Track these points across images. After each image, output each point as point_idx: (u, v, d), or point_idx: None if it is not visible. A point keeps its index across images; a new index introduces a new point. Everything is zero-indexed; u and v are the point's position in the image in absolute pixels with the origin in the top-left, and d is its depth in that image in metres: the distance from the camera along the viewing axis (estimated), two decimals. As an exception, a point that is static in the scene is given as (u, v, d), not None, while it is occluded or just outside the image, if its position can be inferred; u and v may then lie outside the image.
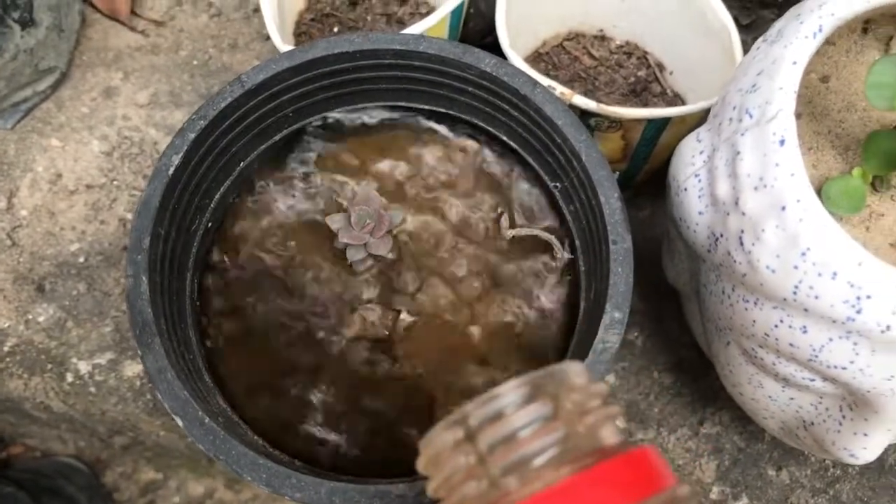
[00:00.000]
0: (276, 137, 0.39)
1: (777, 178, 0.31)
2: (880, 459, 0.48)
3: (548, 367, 0.21)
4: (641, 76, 0.50)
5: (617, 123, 0.42)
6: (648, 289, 0.51)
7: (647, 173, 0.48)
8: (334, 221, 0.37)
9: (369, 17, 0.52)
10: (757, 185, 0.32)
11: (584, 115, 0.42)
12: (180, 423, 0.31)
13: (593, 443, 0.20)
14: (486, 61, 0.36)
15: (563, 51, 0.50)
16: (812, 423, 0.38)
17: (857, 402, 0.35)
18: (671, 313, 0.50)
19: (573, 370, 0.22)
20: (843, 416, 0.36)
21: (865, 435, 0.36)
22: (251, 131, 0.38)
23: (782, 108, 0.32)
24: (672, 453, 0.48)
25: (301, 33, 0.53)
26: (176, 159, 0.34)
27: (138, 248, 0.33)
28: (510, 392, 0.20)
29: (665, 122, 0.42)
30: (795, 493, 0.47)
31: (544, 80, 0.41)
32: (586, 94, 0.48)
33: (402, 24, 0.51)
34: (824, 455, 0.40)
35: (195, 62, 0.57)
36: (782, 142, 0.32)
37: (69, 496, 0.69)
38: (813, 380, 0.35)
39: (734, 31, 0.45)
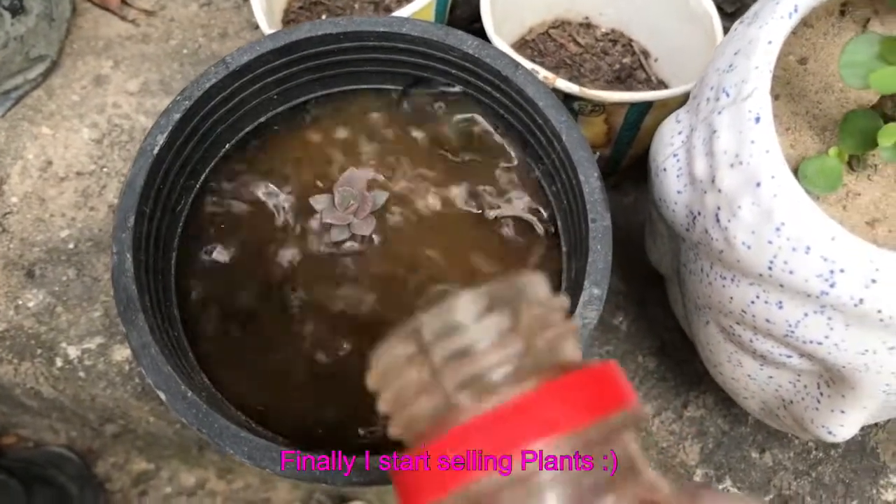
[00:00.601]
0: (262, 119, 0.39)
1: (752, 154, 0.32)
2: (862, 442, 0.49)
3: (507, 278, 0.20)
4: (626, 63, 0.50)
5: (600, 107, 0.43)
6: (632, 274, 0.51)
7: (632, 158, 0.48)
8: (318, 202, 0.38)
9: (357, 5, 0.52)
10: (733, 162, 0.33)
11: (567, 99, 0.43)
12: (163, 397, 0.32)
13: (553, 358, 0.19)
14: (468, 43, 0.37)
15: (549, 38, 0.50)
16: (791, 402, 0.39)
17: (833, 379, 0.35)
18: (655, 298, 0.51)
19: (533, 282, 0.20)
20: (821, 394, 0.37)
21: (843, 412, 0.36)
22: (236, 113, 0.38)
23: (758, 86, 0.33)
24: (656, 436, 0.48)
25: (290, 21, 0.53)
26: (161, 139, 0.35)
27: (123, 227, 0.34)
28: (466, 303, 0.19)
29: (647, 106, 0.43)
30: (778, 475, 0.48)
31: (528, 64, 0.41)
32: (571, 80, 0.48)
33: (389, 11, 0.52)
34: (803, 434, 0.40)
35: (185, 51, 0.57)
36: (758, 119, 0.32)
37: (60, 485, 0.69)
38: (790, 356, 0.35)
39: (716, 18, 0.46)
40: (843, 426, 0.37)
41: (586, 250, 0.35)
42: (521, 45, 0.51)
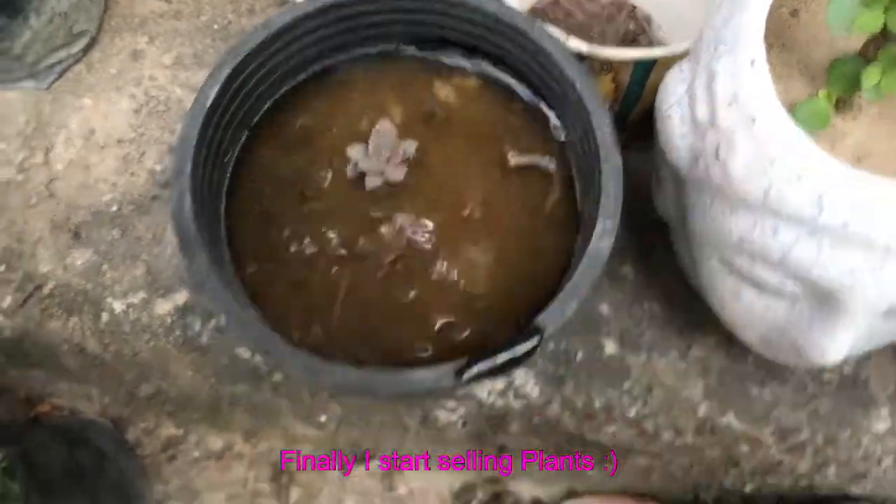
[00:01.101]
0: (301, 77, 0.43)
1: (748, 94, 0.36)
2: (854, 377, 0.52)
3: None
4: (631, 29, 0.54)
5: (608, 66, 0.47)
6: (639, 228, 0.55)
7: (638, 115, 0.52)
8: (354, 152, 0.41)
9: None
10: (731, 101, 0.36)
11: (577, 59, 0.46)
12: (224, 320, 0.35)
13: None
14: (489, 4, 0.40)
15: (558, 6, 0.54)
16: (786, 328, 0.42)
17: (823, 301, 0.39)
18: (660, 250, 0.54)
19: None
20: (813, 318, 0.40)
21: (833, 333, 0.40)
22: (278, 71, 0.42)
23: (752, 33, 0.36)
24: (662, 375, 0.52)
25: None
26: (213, 91, 0.38)
27: (182, 171, 0.37)
28: None
29: (651, 64, 0.46)
30: (777, 408, 0.51)
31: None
32: (579, 45, 0.52)
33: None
34: (798, 360, 0.44)
35: (216, 26, 0.61)
36: (752, 62, 0.36)
37: (97, 447, 0.73)
38: (785, 281, 0.39)
39: (714, -16, 0.49)
40: (834, 347, 0.40)
41: (599, 189, 0.38)
42: (532, 13, 0.54)
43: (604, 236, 0.37)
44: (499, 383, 0.53)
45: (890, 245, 0.35)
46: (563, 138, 0.42)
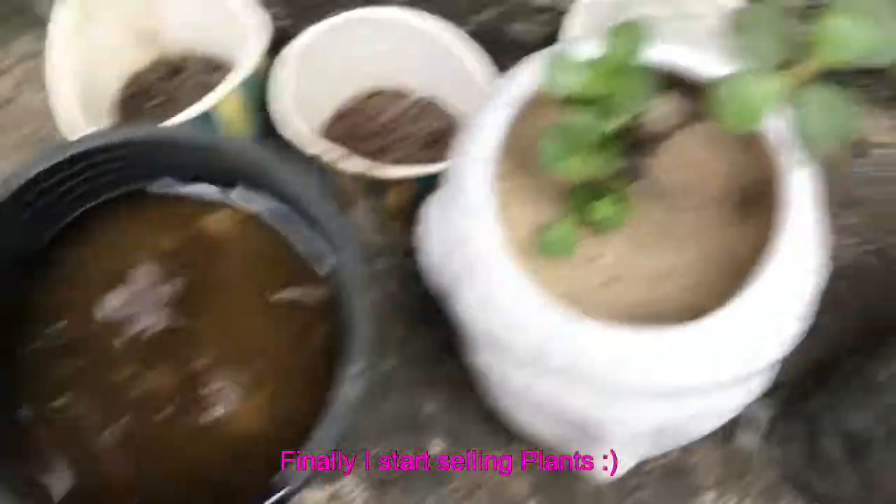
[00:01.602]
0: (62, 224, 0.43)
1: (473, 238, 0.35)
2: (679, 463, 0.52)
3: None
4: (438, 128, 0.53)
5: (392, 181, 0.46)
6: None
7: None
8: (112, 297, 0.41)
9: (186, 86, 0.55)
10: (460, 242, 0.36)
11: (360, 175, 0.46)
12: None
13: None
14: (227, 145, 0.40)
15: (364, 108, 0.54)
16: (568, 442, 0.42)
17: (581, 429, 0.39)
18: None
19: None
20: (581, 442, 0.40)
21: (599, 456, 0.40)
22: (35, 223, 0.41)
23: (478, 174, 0.36)
24: (488, 473, 0.52)
25: (127, 105, 0.56)
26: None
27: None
28: None
29: (433, 178, 0.46)
30: (602, 501, 0.51)
31: (318, 148, 0.44)
32: (383, 149, 0.51)
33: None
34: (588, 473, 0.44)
35: (38, 137, 0.61)
36: (476, 207, 0.36)
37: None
38: (537, 413, 0.39)
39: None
40: (608, 468, 0.40)
41: (353, 329, 0.38)
42: (339, 117, 0.54)
43: (354, 380, 0.37)
44: (325, 490, 0.52)
45: (619, 383, 0.34)
46: (328, 271, 0.42)
